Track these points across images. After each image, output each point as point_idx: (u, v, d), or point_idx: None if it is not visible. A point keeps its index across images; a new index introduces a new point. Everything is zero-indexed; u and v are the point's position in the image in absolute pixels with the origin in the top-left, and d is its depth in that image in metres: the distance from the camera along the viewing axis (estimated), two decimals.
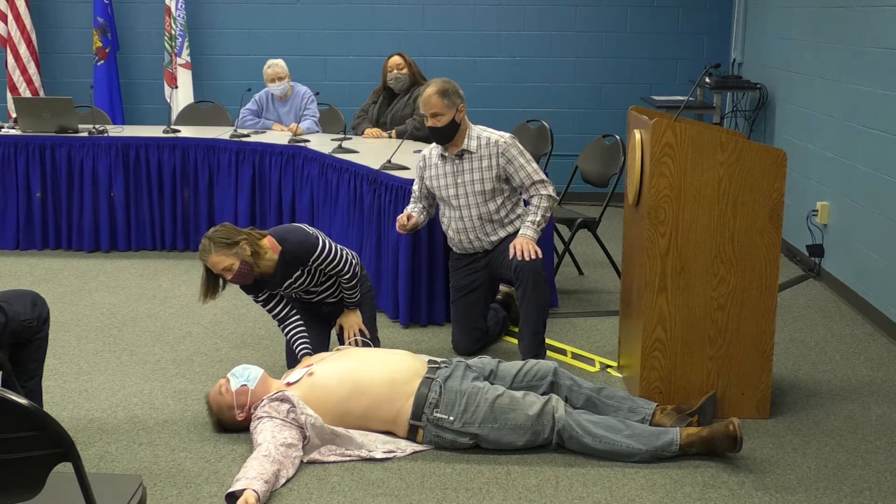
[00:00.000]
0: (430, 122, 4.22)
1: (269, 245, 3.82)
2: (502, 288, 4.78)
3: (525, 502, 3.04)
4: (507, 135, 4.30)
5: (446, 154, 4.31)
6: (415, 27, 7.91)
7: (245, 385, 3.46)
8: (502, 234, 4.32)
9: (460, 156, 4.27)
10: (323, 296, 4.08)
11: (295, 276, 3.91)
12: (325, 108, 6.96)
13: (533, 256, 4.07)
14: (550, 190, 4.26)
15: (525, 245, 4.10)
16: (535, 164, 4.28)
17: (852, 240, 5.19)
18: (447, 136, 4.24)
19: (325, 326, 4.17)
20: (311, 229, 3.94)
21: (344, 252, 3.96)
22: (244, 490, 2.94)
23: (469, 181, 4.28)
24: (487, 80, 7.89)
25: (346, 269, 3.94)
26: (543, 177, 4.26)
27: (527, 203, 4.34)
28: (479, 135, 4.28)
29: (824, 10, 5.70)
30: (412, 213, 4.38)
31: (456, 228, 4.35)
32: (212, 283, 3.79)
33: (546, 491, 3.11)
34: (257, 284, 3.89)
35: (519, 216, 4.35)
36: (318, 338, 4.07)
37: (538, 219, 4.20)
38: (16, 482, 1.92)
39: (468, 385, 3.38)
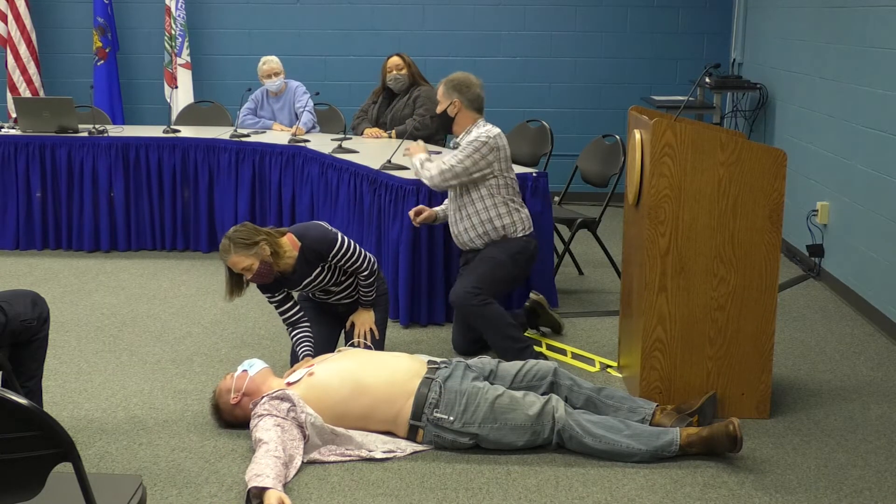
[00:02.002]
0: (437, 108, 4.46)
1: (289, 243, 3.85)
2: (532, 295, 4.65)
3: (525, 502, 3.04)
4: (494, 131, 4.26)
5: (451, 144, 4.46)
6: (415, 27, 7.91)
7: (245, 371, 3.54)
8: (481, 230, 4.30)
9: (455, 148, 4.38)
10: (340, 296, 4.09)
11: (315, 273, 3.92)
12: (325, 108, 6.96)
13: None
14: (438, 177, 4.23)
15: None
16: (461, 156, 4.20)
17: (852, 240, 5.19)
18: (443, 123, 4.50)
19: (336, 325, 4.18)
20: (329, 226, 3.97)
21: (362, 250, 3.99)
22: (267, 489, 2.94)
23: None
24: (487, 80, 7.77)
25: (365, 265, 3.97)
26: (452, 164, 4.20)
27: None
28: (477, 130, 4.30)
29: (824, 10, 5.70)
30: (433, 208, 4.52)
31: (450, 220, 4.42)
32: (235, 282, 3.85)
33: (546, 491, 3.11)
34: (276, 283, 3.92)
35: (500, 216, 4.30)
36: (328, 336, 4.09)
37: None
38: (16, 482, 1.92)
39: (468, 385, 3.38)
